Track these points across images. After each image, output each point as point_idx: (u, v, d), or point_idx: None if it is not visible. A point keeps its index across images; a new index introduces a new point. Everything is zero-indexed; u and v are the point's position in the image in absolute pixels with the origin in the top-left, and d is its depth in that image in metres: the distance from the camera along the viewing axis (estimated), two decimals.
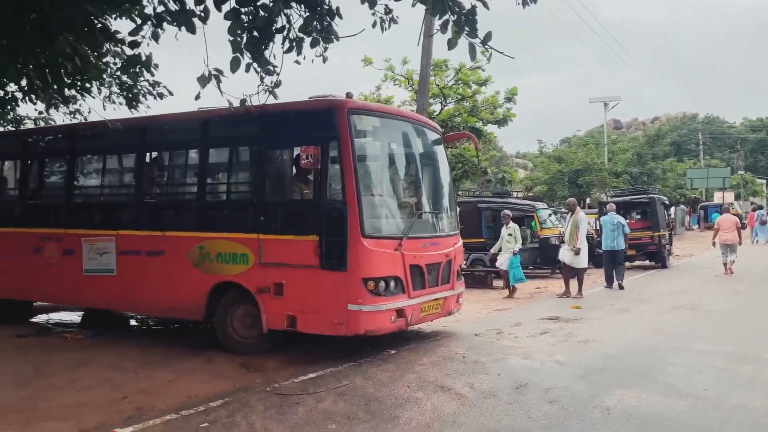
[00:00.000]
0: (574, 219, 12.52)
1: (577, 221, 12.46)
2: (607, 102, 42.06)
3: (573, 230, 12.43)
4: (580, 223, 12.48)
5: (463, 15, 5.48)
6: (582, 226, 12.49)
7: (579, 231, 12.38)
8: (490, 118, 20.90)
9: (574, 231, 12.40)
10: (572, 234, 12.45)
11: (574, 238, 12.40)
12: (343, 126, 6.78)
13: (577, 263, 12.54)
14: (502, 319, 9.94)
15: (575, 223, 12.46)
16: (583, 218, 12.74)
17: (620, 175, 34.34)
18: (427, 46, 14.22)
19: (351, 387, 5.99)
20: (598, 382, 6.18)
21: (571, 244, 12.44)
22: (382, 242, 6.92)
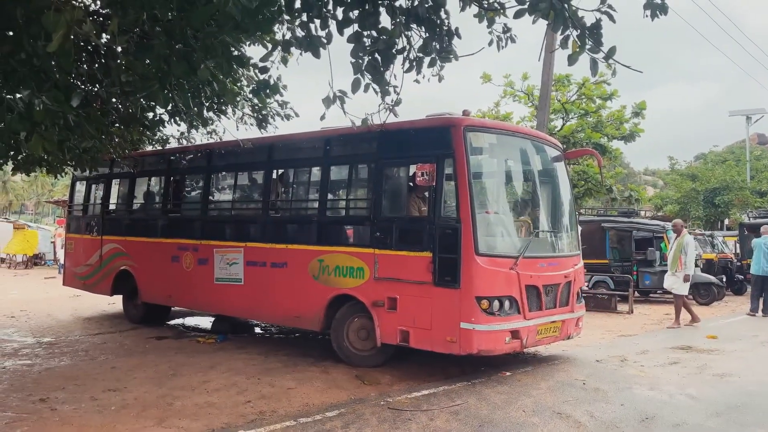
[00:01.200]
0: (680, 242, 11.72)
1: (683, 245, 11.65)
2: (749, 115, 38.60)
3: (678, 254, 11.62)
4: (687, 247, 11.67)
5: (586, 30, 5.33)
6: (689, 250, 11.69)
7: (686, 256, 11.58)
8: (615, 133, 19.98)
9: (678, 255, 11.60)
10: (676, 258, 11.63)
11: (677, 263, 11.59)
12: (459, 143, 6.79)
13: (678, 290, 11.69)
14: (627, 346, 9.38)
15: (681, 246, 11.65)
16: (691, 242, 11.97)
17: (765, 195, 31.30)
18: (549, 61, 13.90)
19: (464, 407, 5.92)
20: (735, 421, 5.65)
21: (674, 269, 11.61)
22: (497, 261, 6.81)
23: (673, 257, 11.72)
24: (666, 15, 5.20)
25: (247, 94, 8.02)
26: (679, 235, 11.89)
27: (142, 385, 6.65)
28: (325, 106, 5.25)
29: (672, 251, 11.87)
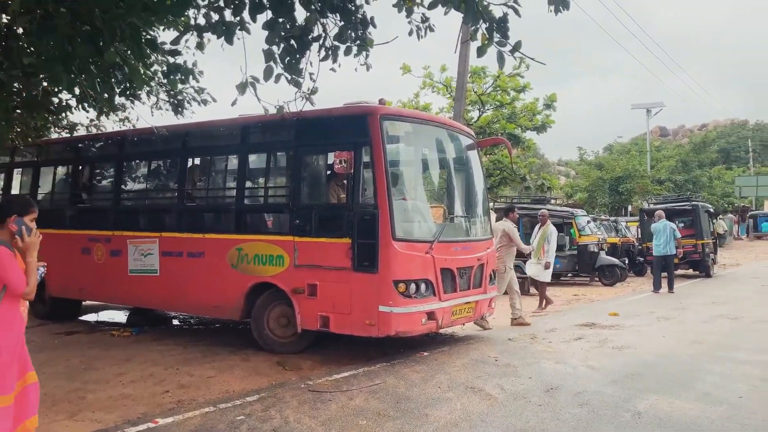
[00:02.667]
0: (544, 231, 11.87)
1: (547, 234, 11.83)
2: (649, 108, 41.24)
3: (541, 243, 11.76)
4: (551, 236, 11.85)
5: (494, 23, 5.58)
6: (552, 239, 11.87)
7: (549, 245, 11.78)
8: (528, 124, 20.85)
9: (542, 244, 11.75)
10: (539, 247, 11.77)
11: (540, 251, 11.74)
12: (376, 131, 6.94)
13: (543, 277, 11.87)
14: (537, 325, 9.91)
15: (545, 235, 11.81)
16: (554, 231, 12.07)
17: (663, 183, 33.62)
18: (464, 53, 14.29)
19: (383, 386, 6.11)
20: (630, 388, 6.15)
21: (538, 257, 11.76)
22: (413, 245, 7.04)
23: (537, 246, 11.81)
24: (568, 10, 5.52)
25: (161, 79, 7.83)
26: (544, 224, 11.98)
27: (52, 381, 6.40)
28: (239, 93, 5.25)
29: (536, 240, 11.95)
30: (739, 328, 9.61)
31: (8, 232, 3.83)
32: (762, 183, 44.35)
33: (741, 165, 65.37)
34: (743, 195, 45.53)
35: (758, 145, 75.19)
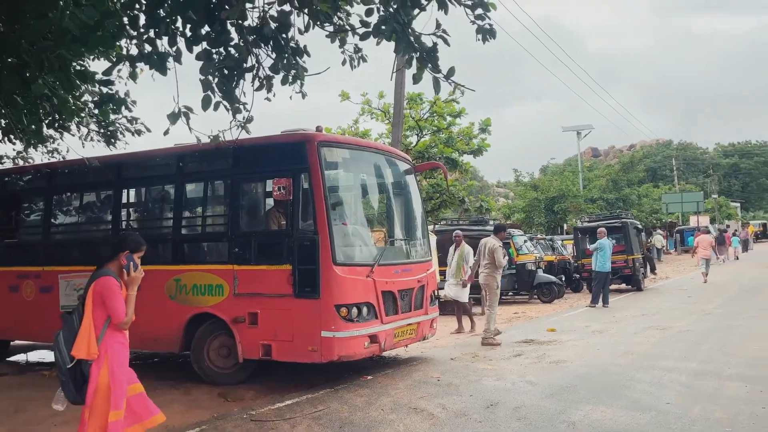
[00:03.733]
0: (461, 252, 11.83)
1: (464, 254, 11.81)
2: (579, 131, 43.07)
3: (460, 263, 11.69)
4: (468, 256, 11.78)
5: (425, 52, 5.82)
6: (470, 258, 11.76)
7: (467, 264, 11.71)
8: (465, 148, 21.37)
9: (461, 264, 11.69)
10: (459, 267, 11.71)
11: (461, 272, 11.67)
12: (314, 158, 7.03)
13: (462, 297, 11.81)
14: (478, 344, 10.11)
15: (462, 256, 11.78)
16: (470, 251, 11.91)
17: (595, 201, 35.02)
18: (400, 80, 14.65)
19: (326, 412, 6.11)
20: (566, 400, 6.37)
21: (459, 278, 11.68)
22: (354, 269, 7.12)
23: (456, 267, 11.75)
24: (494, 39, 5.81)
25: (92, 110, 7.70)
26: (459, 245, 11.91)
27: None
28: (170, 122, 5.25)
29: (454, 261, 11.87)
30: (667, 338, 10.10)
31: (118, 265, 4.33)
32: (687, 200, 46.80)
33: (667, 183, 68.87)
34: (670, 211, 47.90)
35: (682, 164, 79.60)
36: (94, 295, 4.19)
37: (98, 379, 4.14)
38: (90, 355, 4.11)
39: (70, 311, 4.30)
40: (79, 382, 4.16)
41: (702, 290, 18.34)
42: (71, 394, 4.19)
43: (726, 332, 10.57)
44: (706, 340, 9.74)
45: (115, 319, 4.20)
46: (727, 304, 14.73)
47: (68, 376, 4.15)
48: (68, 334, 4.19)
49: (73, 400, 4.20)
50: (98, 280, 4.22)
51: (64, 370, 4.15)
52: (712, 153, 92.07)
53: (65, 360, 4.15)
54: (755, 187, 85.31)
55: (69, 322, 4.23)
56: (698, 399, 6.28)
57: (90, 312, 4.16)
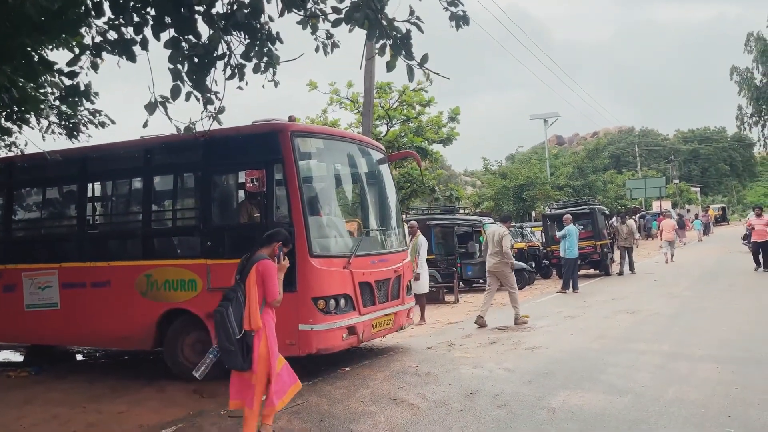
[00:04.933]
0: (414, 243, 11.37)
1: (417, 246, 11.41)
2: (546, 119, 43.54)
3: (413, 255, 11.04)
4: (420, 247, 11.52)
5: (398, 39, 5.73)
6: (422, 250, 11.56)
7: (419, 256, 11.39)
8: (434, 137, 21.41)
9: (414, 256, 11.04)
10: (412, 258, 10.69)
11: (414, 263, 10.91)
12: (287, 148, 6.90)
13: (419, 288, 10.97)
14: (454, 332, 10.15)
15: (415, 247, 11.33)
16: (424, 242, 11.78)
17: (563, 188, 35.53)
18: (370, 69, 14.52)
19: (306, 405, 6.03)
20: (544, 386, 6.42)
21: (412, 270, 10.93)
22: (331, 261, 7.03)
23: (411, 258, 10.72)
24: (468, 26, 5.76)
25: (52, 101, 7.40)
26: (414, 236, 11.51)
27: None
28: (148, 113, 5.07)
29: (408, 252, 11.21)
30: (637, 321, 10.29)
31: (270, 252, 5.06)
32: (650, 185, 47.96)
33: (630, 169, 70.36)
34: (633, 197, 48.95)
35: (644, 150, 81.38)
36: (257, 276, 4.84)
37: (259, 349, 4.82)
38: (256, 327, 4.78)
39: (234, 288, 4.87)
40: (245, 351, 4.76)
41: (667, 274, 18.78)
42: (239, 361, 4.77)
43: (694, 314, 10.82)
44: (676, 323, 9.96)
45: (271, 297, 4.87)
46: (693, 286, 15.09)
47: (237, 346, 4.73)
48: (236, 308, 4.77)
49: (241, 366, 4.79)
50: (260, 262, 4.88)
51: (233, 340, 4.71)
52: (673, 139, 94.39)
53: (235, 331, 4.72)
54: (714, 172, 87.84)
55: (235, 299, 4.80)
56: (672, 381, 6.40)
57: (255, 289, 4.81)
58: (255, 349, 4.80)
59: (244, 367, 4.79)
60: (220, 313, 4.76)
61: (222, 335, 4.75)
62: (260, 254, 4.99)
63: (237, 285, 4.91)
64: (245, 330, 4.77)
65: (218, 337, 4.80)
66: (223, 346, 4.77)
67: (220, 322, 4.75)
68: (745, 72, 31.47)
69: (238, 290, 4.85)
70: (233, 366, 4.83)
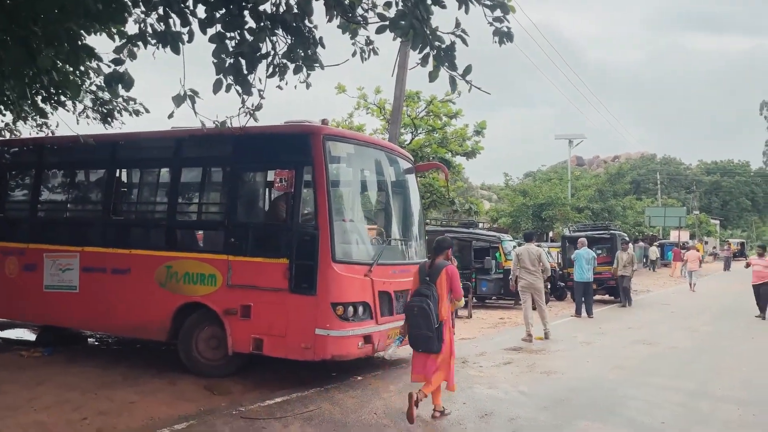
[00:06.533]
0: None
1: None
2: (571, 139, 43.21)
3: None
4: None
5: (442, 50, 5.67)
6: None
7: None
8: (458, 149, 21.25)
9: None
10: None
11: None
12: (318, 151, 6.86)
13: None
14: (467, 349, 10.01)
15: None
16: None
17: (582, 211, 35.13)
18: (402, 77, 14.48)
19: (318, 412, 5.96)
20: (561, 414, 6.30)
21: None
22: (353, 267, 6.97)
23: None
24: (512, 42, 5.71)
25: (90, 86, 7.42)
26: None
27: None
28: (175, 104, 5.06)
29: None
30: (656, 354, 10.09)
31: (445, 257, 6.18)
32: (669, 214, 47.36)
33: (649, 196, 69.57)
34: (652, 224, 48.36)
35: (665, 178, 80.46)
36: (446, 278, 5.92)
37: (448, 337, 5.91)
38: (446, 318, 5.88)
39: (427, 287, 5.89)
40: (437, 337, 5.77)
41: (684, 306, 18.47)
42: (435, 345, 5.79)
43: (716, 352, 10.59)
44: (696, 359, 9.74)
45: (457, 295, 6.03)
46: (713, 321, 14.82)
47: (435, 333, 5.75)
48: (434, 304, 5.78)
49: (437, 349, 5.80)
50: (449, 267, 6.01)
51: (433, 328, 5.74)
52: (695, 169, 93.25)
53: (435, 321, 5.75)
54: (734, 205, 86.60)
55: (431, 296, 5.82)
56: (693, 420, 6.24)
57: (445, 289, 5.90)
58: (444, 336, 5.84)
59: (438, 350, 5.80)
60: (420, 307, 5.78)
61: (422, 324, 5.76)
62: (445, 261, 6.09)
63: (428, 285, 5.89)
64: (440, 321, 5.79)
65: (415, 326, 5.84)
66: (423, 333, 5.78)
67: (421, 313, 5.76)
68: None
69: (431, 289, 5.86)
70: (429, 349, 5.82)
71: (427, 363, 5.88)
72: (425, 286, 5.94)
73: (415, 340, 5.92)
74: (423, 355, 5.91)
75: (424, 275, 6.04)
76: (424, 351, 5.87)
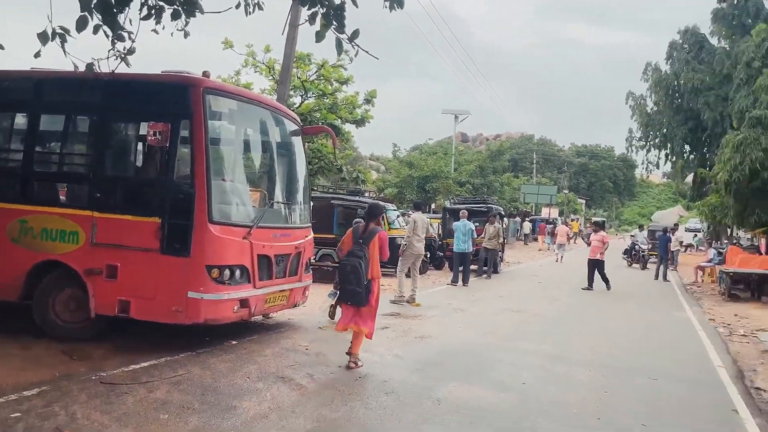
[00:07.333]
0: None
1: None
2: (457, 115, 44.55)
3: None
4: None
5: (331, 9, 5.50)
6: None
7: None
8: (348, 117, 21.17)
9: None
10: None
11: None
12: (198, 105, 6.48)
13: None
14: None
15: None
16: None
17: (464, 185, 36.53)
18: (292, 35, 14.05)
19: (187, 377, 5.74)
20: (432, 376, 6.52)
21: None
22: (231, 229, 6.71)
23: None
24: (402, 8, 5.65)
25: None
26: None
27: None
28: (41, 43, 4.51)
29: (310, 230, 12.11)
30: (523, 321, 10.75)
31: (377, 222, 6.84)
32: (542, 192, 50.59)
33: (526, 174, 73.75)
34: (527, 201, 51.41)
35: (541, 158, 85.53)
36: (379, 242, 6.61)
37: (376, 291, 6.60)
38: (376, 276, 6.59)
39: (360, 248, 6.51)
40: (365, 293, 6.43)
41: (550, 277, 19.84)
42: (364, 299, 6.45)
43: (575, 319, 11.47)
44: (556, 327, 10.47)
45: (384, 257, 6.73)
46: (572, 292, 16.01)
47: (364, 289, 6.40)
48: (365, 263, 6.44)
49: (366, 303, 6.49)
50: (381, 233, 6.69)
51: (363, 284, 6.39)
52: (567, 151, 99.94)
53: (364, 278, 6.41)
54: (599, 187, 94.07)
55: (363, 256, 6.45)
56: (551, 381, 6.69)
57: (376, 251, 6.58)
58: (373, 291, 6.53)
59: (365, 304, 6.48)
60: (353, 265, 6.41)
61: (353, 280, 6.39)
62: (378, 227, 6.76)
63: (361, 247, 6.52)
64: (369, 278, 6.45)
65: (346, 282, 6.46)
66: (352, 289, 6.42)
67: (353, 271, 6.39)
68: (639, 98, 33.66)
69: (364, 250, 6.48)
70: (358, 303, 6.47)
71: (355, 315, 6.56)
72: (358, 247, 6.52)
73: (345, 294, 6.53)
74: (352, 308, 6.53)
75: (357, 237, 6.63)
76: (352, 304, 6.50)
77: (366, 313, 6.59)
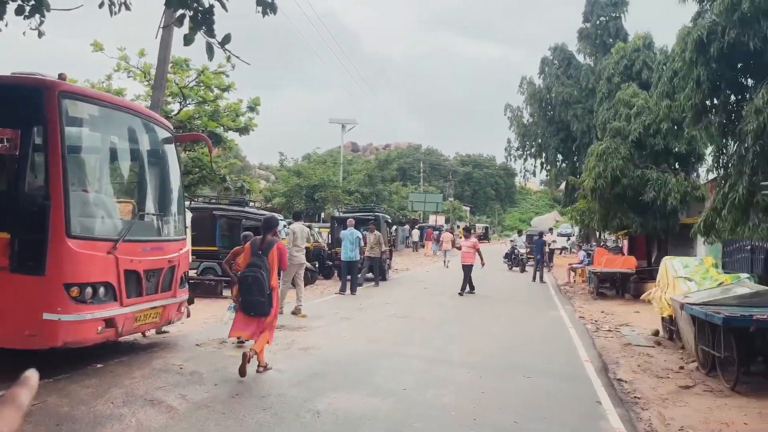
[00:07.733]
0: None
1: None
2: (344, 124, 44.79)
3: None
4: None
5: (199, 12, 5.31)
6: None
7: None
8: (231, 125, 20.55)
9: None
10: None
11: None
12: (52, 110, 5.98)
13: None
14: (227, 329, 9.69)
15: None
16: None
17: (353, 194, 36.72)
18: (167, 39, 13.42)
19: (42, 407, 5.21)
20: (313, 388, 6.39)
21: None
22: (93, 244, 6.24)
23: None
24: (275, 14, 5.56)
25: None
26: None
27: None
28: None
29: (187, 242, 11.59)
30: (408, 326, 10.88)
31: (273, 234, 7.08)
32: (429, 200, 52.09)
33: (414, 183, 75.62)
34: (415, 209, 52.67)
35: (428, 167, 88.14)
36: (277, 253, 6.87)
37: (274, 302, 6.78)
38: (275, 286, 6.83)
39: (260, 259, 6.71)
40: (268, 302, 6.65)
41: (435, 283, 20.34)
42: (266, 309, 6.69)
43: (456, 323, 11.78)
44: (440, 330, 10.71)
45: (284, 266, 7.18)
46: (456, 297, 16.50)
47: (266, 298, 6.63)
48: (266, 273, 6.63)
49: (267, 313, 6.71)
50: (279, 244, 6.95)
51: (266, 294, 6.62)
52: (453, 161, 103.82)
53: (267, 288, 6.63)
54: (482, 194, 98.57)
55: (263, 267, 6.65)
56: (432, 384, 6.79)
57: (276, 262, 6.84)
58: (273, 301, 6.74)
59: (267, 313, 6.71)
60: (254, 276, 6.58)
61: (256, 291, 6.57)
62: (275, 238, 7.01)
63: (260, 258, 6.72)
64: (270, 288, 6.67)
65: (248, 293, 6.62)
66: (255, 299, 6.61)
67: (255, 281, 6.57)
68: (516, 110, 35.52)
69: (263, 261, 6.69)
70: (261, 313, 6.69)
71: (257, 324, 6.75)
72: (258, 258, 6.74)
73: (248, 305, 6.68)
74: (255, 318, 6.74)
75: (256, 249, 6.86)
76: (256, 315, 6.71)
77: (268, 323, 6.80)
